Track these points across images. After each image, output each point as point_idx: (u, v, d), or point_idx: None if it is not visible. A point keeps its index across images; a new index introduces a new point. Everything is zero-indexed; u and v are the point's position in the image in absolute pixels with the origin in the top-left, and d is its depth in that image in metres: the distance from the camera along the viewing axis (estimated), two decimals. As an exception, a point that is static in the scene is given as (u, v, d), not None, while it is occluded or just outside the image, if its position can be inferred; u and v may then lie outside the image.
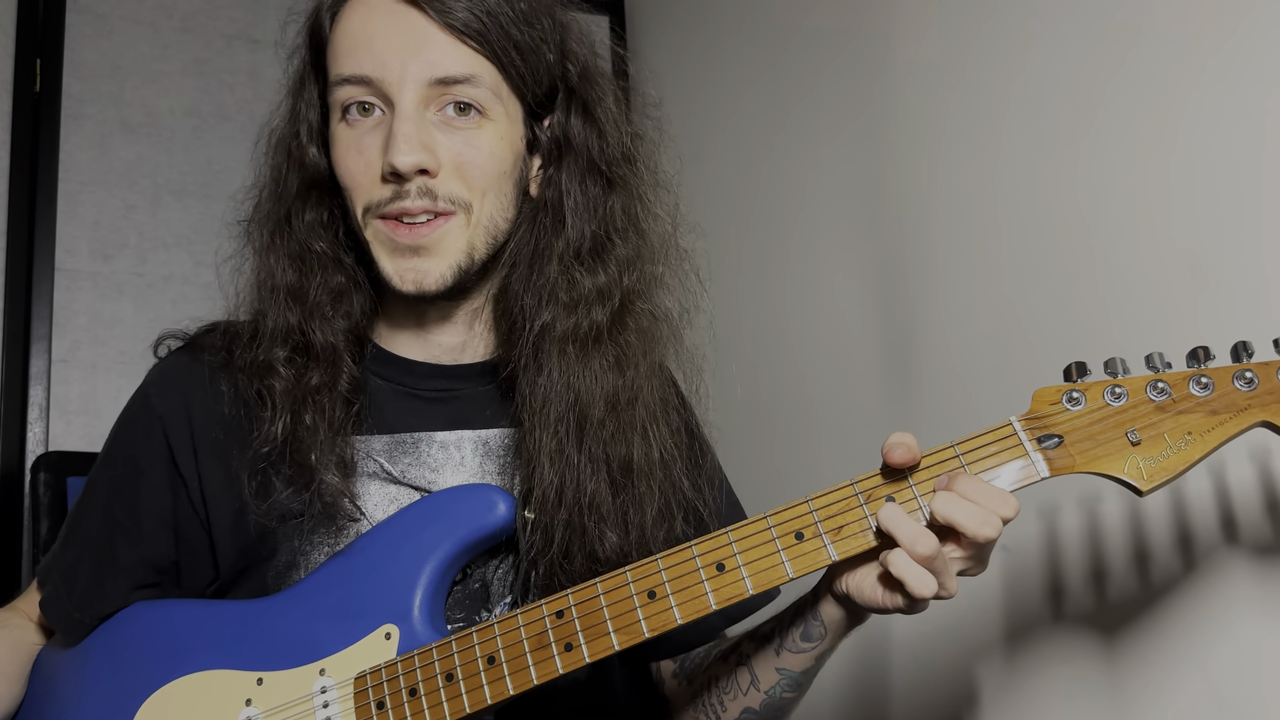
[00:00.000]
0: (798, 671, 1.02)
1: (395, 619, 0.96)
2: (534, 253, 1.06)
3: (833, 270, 1.80)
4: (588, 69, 1.09)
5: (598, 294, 1.05)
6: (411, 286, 1.01)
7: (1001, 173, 1.45)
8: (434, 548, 0.98)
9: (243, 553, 1.06)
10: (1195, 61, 1.17)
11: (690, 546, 0.90)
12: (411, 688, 0.92)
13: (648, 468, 1.04)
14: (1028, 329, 1.39)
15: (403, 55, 0.98)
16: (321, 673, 0.96)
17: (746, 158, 2.04)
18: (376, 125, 1.00)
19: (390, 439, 1.07)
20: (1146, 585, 1.17)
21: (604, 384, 1.03)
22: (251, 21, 2.83)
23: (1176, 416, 0.83)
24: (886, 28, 1.69)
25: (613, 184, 1.08)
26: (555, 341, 1.04)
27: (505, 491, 0.99)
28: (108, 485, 1.11)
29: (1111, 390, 0.85)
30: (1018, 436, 0.86)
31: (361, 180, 1.01)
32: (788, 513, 0.89)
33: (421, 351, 1.11)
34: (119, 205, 2.62)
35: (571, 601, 0.91)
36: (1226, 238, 1.14)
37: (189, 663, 1.00)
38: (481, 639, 0.92)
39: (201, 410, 1.08)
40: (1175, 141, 1.20)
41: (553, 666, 0.90)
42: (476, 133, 1.00)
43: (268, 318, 1.06)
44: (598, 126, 1.08)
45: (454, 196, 1.00)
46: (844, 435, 1.76)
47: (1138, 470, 0.82)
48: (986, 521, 0.83)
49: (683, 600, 0.88)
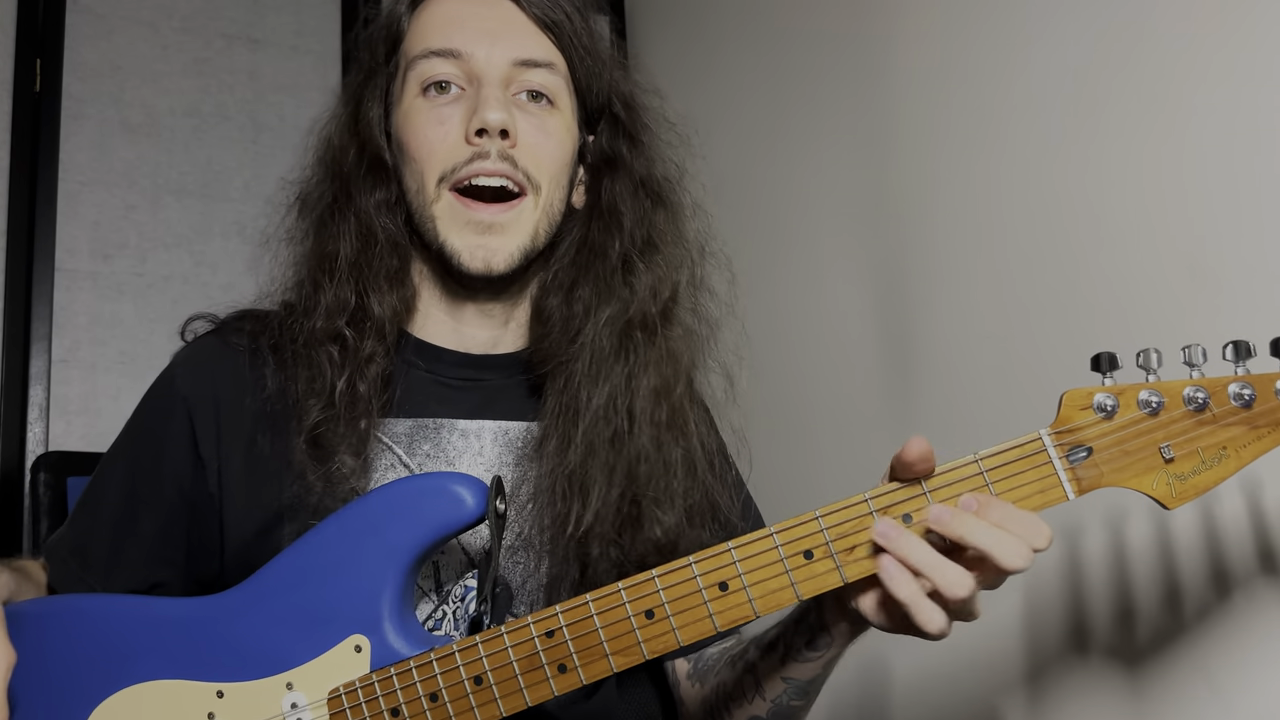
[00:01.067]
0: (805, 680, 1.00)
1: (363, 629, 0.89)
2: (593, 252, 1.10)
3: (835, 272, 1.80)
4: (632, 99, 1.16)
5: (651, 290, 1.09)
6: (480, 265, 1.03)
7: (1002, 175, 1.45)
8: (398, 547, 0.90)
9: (247, 545, 1.06)
10: (1196, 62, 1.18)
11: (690, 564, 0.83)
12: (393, 708, 0.87)
13: (692, 461, 1.07)
14: (1029, 330, 1.39)
15: (491, 35, 1.05)
16: (289, 687, 0.90)
17: (748, 160, 2.05)
18: (456, 100, 1.05)
19: (413, 423, 1.08)
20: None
21: (655, 376, 1.07)
22: (251, 21, 2.83)
23: (1214, 430, 0.78)
24: (888, 31, 1.70)
25: (658, 201, 1.14)
26: (613, 333, 1.07)
27: (474, 480, 0.92)
28: (129, 461, 1.11)
29: (1147, 400, 0.79)
30: (1047, 453, 0.80)
31: (439, 148, 1.04)
32: (796, 529, 0.82)
33: (454, 339, 1.13)
34: (119, 205, 2.62)
35: (562, 621, 0.85)
36: (1227, 238, 1.14)
37: (137, 670, 0.92)
38: (465, 659, 0.86)
39: (229, 395, 1.08)
40: (1175, 142, 1.20)
41: (546, 689, 0.85)
42: (548, 118, 1.07)
43: (326, 290, 1.07)
44: (644, 153, 1.15)
45: (528, 172, 1.05)
46: (846, 436, 1.76)
47: (1167, 487, 0.78)
48: (1019, 554, 0.78)
49: (684, 622, 0.82)
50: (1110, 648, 1.21)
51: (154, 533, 1.08)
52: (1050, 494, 0.80)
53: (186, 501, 1.08)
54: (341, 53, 2.89)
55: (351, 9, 2.93)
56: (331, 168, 1.11)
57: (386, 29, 1.13)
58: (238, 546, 1.06)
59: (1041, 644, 1.31)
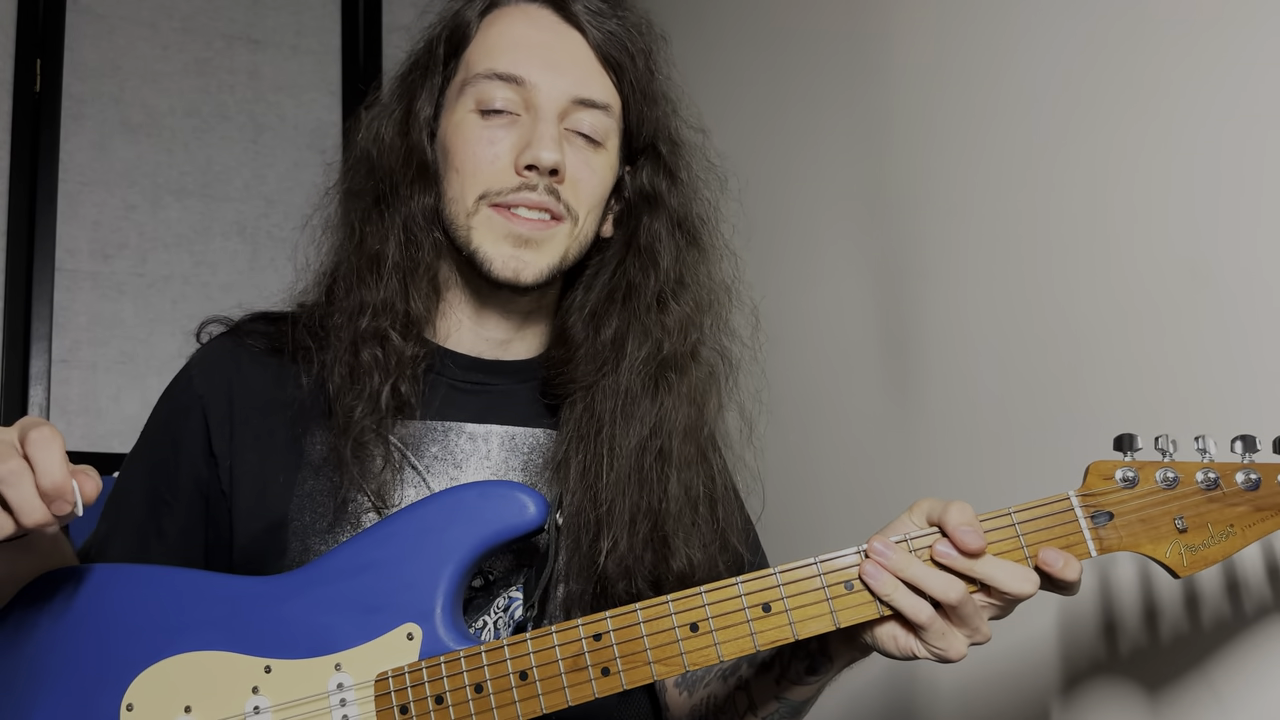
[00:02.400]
0: (799, 701, 1.03)
1: (417, 619, 0.92)
2: (629, 288, 1.12)
3: (832, 271, 1.80)
4: (675, 135, 1.17)
5: (681, 329, 1.11)
6: (510, 274, 1.05)
7: (999, 173, 1.45)
8: (458, 546, 0.94)
9: (255, 540, 1.07)
10: (1194, 63, 1.18)
11: (736, 584, 0.88)
12: (438, 695, 0.89)
13: (713, 497, 1.10)
14: (1027, 330, 1.39)
15: (556, 68, 1.06)
16: (337, 668, 0.92)
17: (745, 159, 2.05)
18: (510, 124, 1.06)
19: (422, 425, 1.09)
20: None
21: (683, 414, 1.09)
22: (251, 21, 2.83)
23: (1223, 509, 0.88)
24: (883, 30, 1.70)
25: (692, 240, 1.16)
26: (645, 370, 1.09)
27: (536, 492, 0.95)
28: (147, 462, 1.12)
29: (1164, 475, 0.89)
30: (1075, 513, 0.88)
31: (487, 170, 1.05)
32: (838, 560, 0.88)
33: (468, 343, 1.13)
34: (119, 205, 2.62)
35: (610, 626, 0.88)
36: (1226, 238, 1.14)
37: (185, 639, 0.94)
38: (514, 653, 0.89)
39: (243, 394, 1.10)
40: (1174, 142, 1.20)
41: (588, 690, 0.88)
42: (594, 156, 1.08)
43: (371, 289, 1.08)
44: (681, 190, 1.16)
45: (569, 205, 1.06)
46: (845, 436, 1.76)
47: (1178, 557, 0.88)
48: (1028, 579, 0.85)
49: (726, 638, 0.87)
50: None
51: (176, 532, 1.09)
52: (1075, 549, 0.88)
53: (203, 497, 1.09)
54: (341, 53, 2.90)
55: (351, 9, 2.93)
56: (379, 164, 1.11)
57: (452, 30, 1.12)
58: (244, 543, 1.07)
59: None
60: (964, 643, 0.86)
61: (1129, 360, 1.23)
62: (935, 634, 0.86)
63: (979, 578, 0.85)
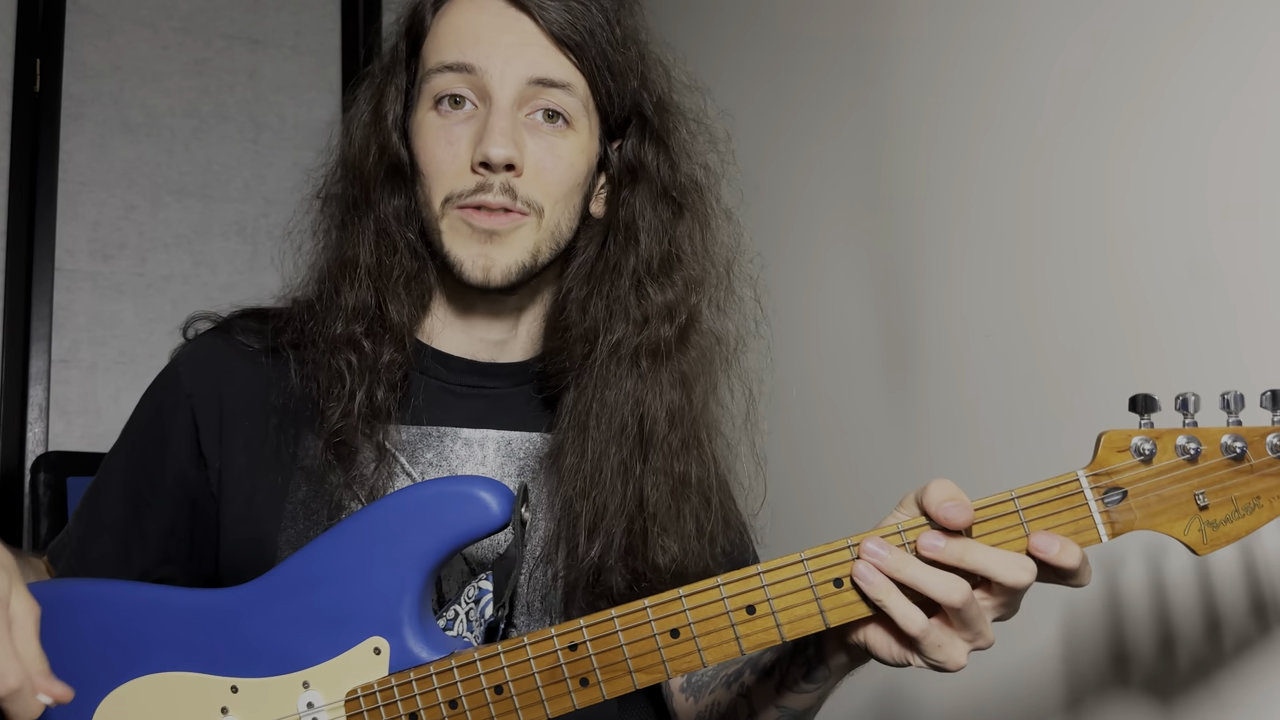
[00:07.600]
0: (799, 709, 0.99)
1: (383, 631, 0.89)
2: (606, 268, 1.08)
3: (834, 272, 1.80)
4: (663, 100, 1.12)
5: (666, 311, 1.07)
6: (480, 274, 1.02)
7: (1000, 174, 1.45)
8: (419, 551, 0.89)
9: (243, 545, 1.05)
10: (1194, 63, 1.18)
11: (718, 585, 0.82)
12: (412, 713, 0.86)
13: (704, 485, 1.06)
14: (1028, 329, 1.39)
15: (507, 52, 1.02)
16: (305, 685, 0.89)
17: (748, 161, 2.05)
18: (468, 119, 1.03)
19: (418, 430, 1.08)
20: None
21: (668, 400, 1.05)
22: (251, 21, 2.83)
23: (1249, 480, 0.79)
24: (885, 34, 1.70)
25: (682, 209, 1.11)
26: (624, 354, 1.05)
27: (499, 485, 0.91)
28: (130, 460, 1.10)
29: (1185, 446, 0.80)
30: (1084, 494, 0.80)
31: (447, 170, 1.03)
32: (827, 556, 0.81)
33: (462, 345, 1.12)
34: (119, 205, 2.62)
35: (586, 635, 0.84)
36: (1227, 237, 1.14)
37: (149, 660, 0.91)
38: (486, 667, 0.85)
39: (232, 393, 1.08)
40: (1175, 141, 1.20)
41: (567, 702, 0.84)
42: (560, 141, 1.04)
43: (343, 293, 1.06)
44: (669, 157, 1.11)
45: (530, 200, 1.03)
46: (845, 436, 1.76)
47: (1199, 534, 0.79)
48: (1023, 567, 0.78)
49: (709, 644, 0.82)
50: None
51: (158, 531, 1.08)
52: (1084, 535, 0.80)
53: (189, 499, 1.07)
54: (341, 53, 2.90)
55: (351, 9, 2.93)
56: (353, 167, 1.10)
57: (409, 26, 1.10)
58: (231, 547, 1.06)
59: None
60: (964, 651, 0.81)
61: (1129, 359, 1.22)
62: (931, 645, 0.80)
63: (971, 569, 0.78)
